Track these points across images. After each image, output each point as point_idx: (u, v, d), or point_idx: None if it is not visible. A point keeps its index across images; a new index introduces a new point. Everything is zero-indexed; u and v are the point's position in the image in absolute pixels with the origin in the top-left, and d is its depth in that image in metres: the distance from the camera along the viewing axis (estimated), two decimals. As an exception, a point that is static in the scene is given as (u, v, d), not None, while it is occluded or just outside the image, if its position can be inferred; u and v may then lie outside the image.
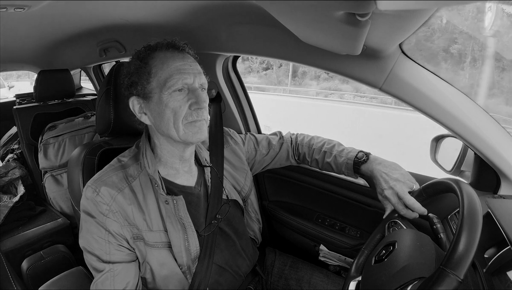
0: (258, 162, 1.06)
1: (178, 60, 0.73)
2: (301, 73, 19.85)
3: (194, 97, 0.73)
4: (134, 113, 0.77)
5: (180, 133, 0.73)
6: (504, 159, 0.78)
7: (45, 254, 1.44)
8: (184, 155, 0.81)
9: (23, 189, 1.78)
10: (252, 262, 0.97)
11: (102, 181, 0.75)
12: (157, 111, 0.74)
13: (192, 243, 0.79)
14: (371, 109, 13.48)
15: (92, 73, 2.17)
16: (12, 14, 0.98)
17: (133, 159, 0.81)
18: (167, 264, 0.77)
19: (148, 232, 0.75)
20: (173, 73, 0.71)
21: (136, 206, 0.75)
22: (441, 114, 0.78)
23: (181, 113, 0.72)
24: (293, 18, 0.65)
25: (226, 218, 0.87)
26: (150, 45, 0.76)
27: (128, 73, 0.76)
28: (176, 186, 0.82)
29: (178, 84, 0.71)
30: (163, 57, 0.73)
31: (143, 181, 0.78)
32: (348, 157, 0.95)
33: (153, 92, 0.73)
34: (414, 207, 0.77)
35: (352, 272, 0.76)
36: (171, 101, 0.71)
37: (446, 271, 0.50)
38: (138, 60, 0.75)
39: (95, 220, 0.72)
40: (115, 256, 0.73)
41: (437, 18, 13.82)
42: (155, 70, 0.72)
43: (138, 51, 0.77)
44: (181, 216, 0.78)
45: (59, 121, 1.77)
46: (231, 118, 1.31)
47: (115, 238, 0.73)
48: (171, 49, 0.75)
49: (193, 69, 0.74)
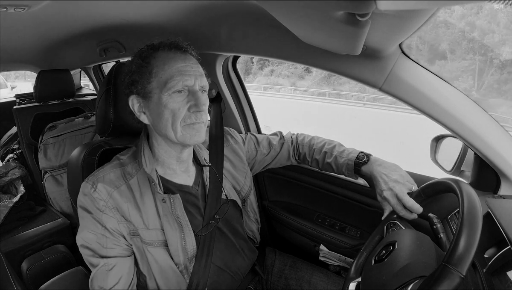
0: (258, 161, 1.06)
1: (180, 62, 0.73)
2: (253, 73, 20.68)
3: (194, 100, 0.72)
4: (133, 111, 0.77)
5: (178, 135, 0.73)
6: (504, 159, 0.78)
7: (45, 254, 1.44)
8: (181, 156, 0.81)
9: (23, 189, 1.78)
10: (251, 262, 0.97)
11: (99, 177, 0.76)
12: (156, 112, 0.74)
13: (189, 242, 0.79)
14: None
15: (92, 73, 2.16)
16: (12, 14, 0.98)
17: (131, 157, 0.82)
18: (164, 262, 0.77)
19: (144, 230, 0.76)
20: (174, 74, 0.71)
21: (133, 203, 0.76)
22: (441, 114, 0.78)
23: (179, 115, 0.72)
24: (293, 18, 0.65)
25: (225, 218, 0.87)
26: (153, 44, 0.76)
27: (129, 71, 0.75)
28: (173, 185, 0.82)
29: (178, 86, 0.71)
30: (165, 57, 0.73)
31: (141, 179, 0.78)
32: (349, 158, 0.95)
33: (153, 92, 0.73)
34: (413, 208, 0.78)
35: (352, 274, 0.76)
36: (171, 103, 0.71)
37: (448, 267, 0.50)
38: (140, 59, 0.74)
39: (92, 216, 0.73)
40: (111, 251, 0.74)
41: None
42: (156, 70, 0.72)
43: (140, 50, 0.76)
44: (178, 214, 0.78)
45: (59, 121, 1.77)
46: (231, 118, 1.31)
47: (111, 233, 0.74)
48: (174, 50, 0.75)
49: (194, 71, 0.74)
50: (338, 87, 16.91)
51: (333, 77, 16.46)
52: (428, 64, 14.51)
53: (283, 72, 19.31)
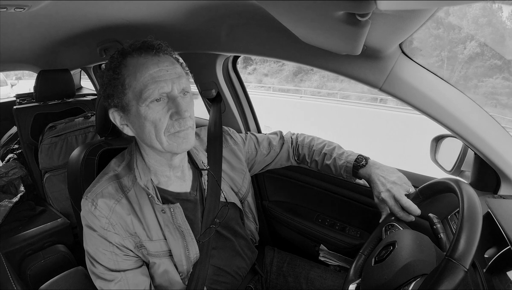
0: (258, 162, 1.06)
1: (152, 67, 0.66)
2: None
3: (174, 107, 0.67)
4: (116, 125, 0.73)
5: (164, 145, 0.69)
6: (504, 159, 0.78)
7: (45, 254, 1.44)
8: (173, 163, 0.77)
9: (23, 189, 1.78)
10: (251, 261, 0.98)
11: (98, 193, 0.73)
12: (137, 124, 0.69)
13: (192, 251, 0.79)
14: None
15: (92, 73, 2.16)
16: (12, 14, 0.98)
17: (126, 168, 0.78)
18: (168, 273, 0.78)
19: (148, 242, 0.75)
20: (148, 83, 0.65)
21: (135, 216, 0.74)
22: (441, 114, 0.78)
23: (161, 126, 0.67)
24: (293, 18, 0.65)
25: (224, 220, 0.87)
26: (123, 49, 0.69)
27: (103, 84, 0.70)
28: (170, 194, 0.80)
29: (154, 95, 0.65)
30: (135, 65, 0.67)
31: (138, 191, 0.75)
32: (348, 160, 0.95)
33: (130, 105, 0.68)
34: (411, 209, 0.78)
35: (351, 276, 0.76)
36: (150, 114, 0.66)
37: (452, 261, 0.50)
38: (110, 70, 0.69)
39: (97, 233, 0.72)
40: (123, 263, 0.74)
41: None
42: (129, 80, 0.67)
43: (111, 58, 0.70)
44: (180, 223, 0.77)
45: (59, 122, 1.77)
46: (231, 118, 1.31)
47: (119, 249, 0.73)
48: (144, 54, 0.68)
49: (170, 74, 0.67)
50: (299, 84, 18.32)
51: (299, 75, 17.19)
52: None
53: (263, 71, 20.14)
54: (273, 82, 19.29)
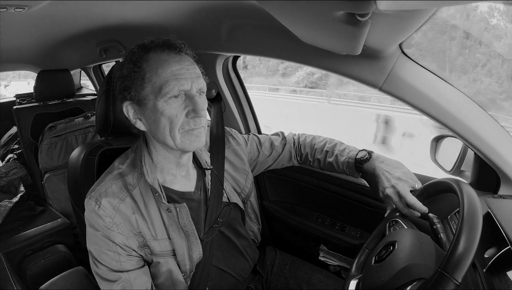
0: (260, 163, 1.05)
1: (174, 64, 0.68)
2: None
3: (192, 105, 0.69)
4: (129, 118, 0.74)
5: (177, 142, 0.70)
6: (504, 159, 0.78)
7: (45, 254, 1.44)
8: (181, 161, 0.78)
9: (23, 189, 1.78)
10: (253, 262, 0.98)
11: (101, 192, 0.72)
12: (152, 119, 0.70)
13: (195, 251, 0.78)
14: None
15: (92, 73, 2.16)
16: (12, 14, 0.98)
17: (130, 166, 0.77)
18: (172, 273, 0.77)
19: (153, 241, 0.75)
20: (169, 79, 0.67)
21: (140, 214, 0.74)
22: (441, 114, 0.78)
23: (177, 122, 0.68)
24: (293, 18, 0.65)
25: (227, 221, 0.86)
26: (145, 44, 0.71)
27: (121, 76, 0.71)
28: (175, 193, 0.80)
29: (174, 91, 0.67)
30: (158, 60, 0.68)
31: (143, 188, 0.75)
32: (349, 156, 0.94)
33: (148, 99, 0.69)
34: (415, 206, 0.77)
35: (353, 271, 0.76)
36: (167, 109, 0.67)
37: (444, 275, 0.50)
38: (131, 63, 0.69)
39: (100, 233, 0.72)
40: (126, 264, 0.73)
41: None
42: (149, 75, 0.68)
43: (131, 51, 0.71)
44: (185, 223, 0.76)
45: (59, 122, 1.77)
46: (231, 118, 1.31)
47: (123, 249, 0.73)
48: (167, 51, 0.70)
49: (190, 73, 0.69)
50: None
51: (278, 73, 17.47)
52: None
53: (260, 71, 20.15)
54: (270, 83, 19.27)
